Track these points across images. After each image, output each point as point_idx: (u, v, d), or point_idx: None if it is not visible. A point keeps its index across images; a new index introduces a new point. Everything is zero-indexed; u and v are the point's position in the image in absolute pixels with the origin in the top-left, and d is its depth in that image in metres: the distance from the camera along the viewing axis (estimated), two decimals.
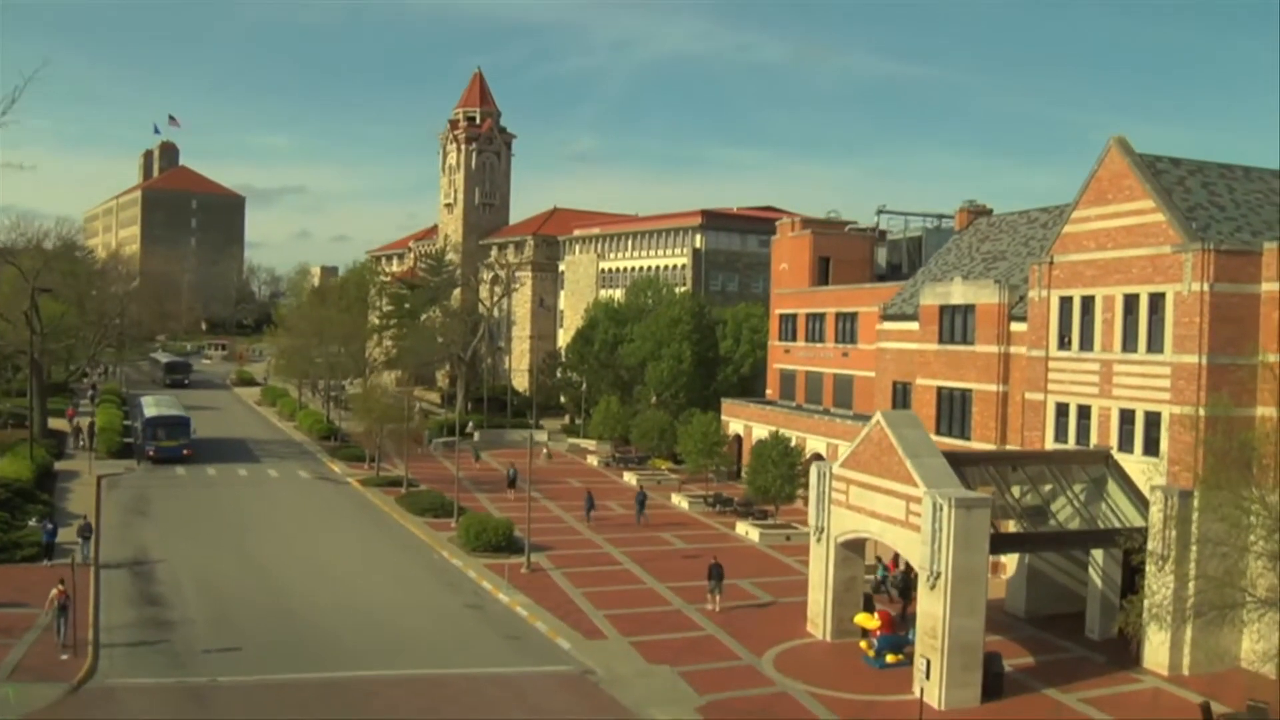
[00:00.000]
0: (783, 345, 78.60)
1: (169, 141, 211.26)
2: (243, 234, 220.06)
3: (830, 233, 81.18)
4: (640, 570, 51.04)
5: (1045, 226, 55.67)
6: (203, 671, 35.37)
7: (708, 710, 33.26)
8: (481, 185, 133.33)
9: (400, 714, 32.64)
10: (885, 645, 38.57)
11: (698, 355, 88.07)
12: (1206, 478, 34.32)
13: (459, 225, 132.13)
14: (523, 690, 35.38)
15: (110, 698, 33.06)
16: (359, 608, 43.92)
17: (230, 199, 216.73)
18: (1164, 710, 34.44)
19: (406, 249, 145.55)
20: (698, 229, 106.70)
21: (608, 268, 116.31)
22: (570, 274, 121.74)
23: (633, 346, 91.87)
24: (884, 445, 37.98)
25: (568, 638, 40.51)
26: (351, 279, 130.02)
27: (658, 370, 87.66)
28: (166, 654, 37.37)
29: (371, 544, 55.82)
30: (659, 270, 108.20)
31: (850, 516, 40.04)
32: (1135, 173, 41.28)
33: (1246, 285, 38.05)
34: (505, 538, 52.94)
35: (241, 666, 36.13)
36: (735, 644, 40.31)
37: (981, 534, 34.70)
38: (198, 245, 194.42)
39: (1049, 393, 44.79)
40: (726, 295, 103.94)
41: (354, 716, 32.27)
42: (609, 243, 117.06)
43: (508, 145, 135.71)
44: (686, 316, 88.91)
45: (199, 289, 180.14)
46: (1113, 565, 40.81)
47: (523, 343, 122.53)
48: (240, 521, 59.75)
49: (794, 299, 77.88)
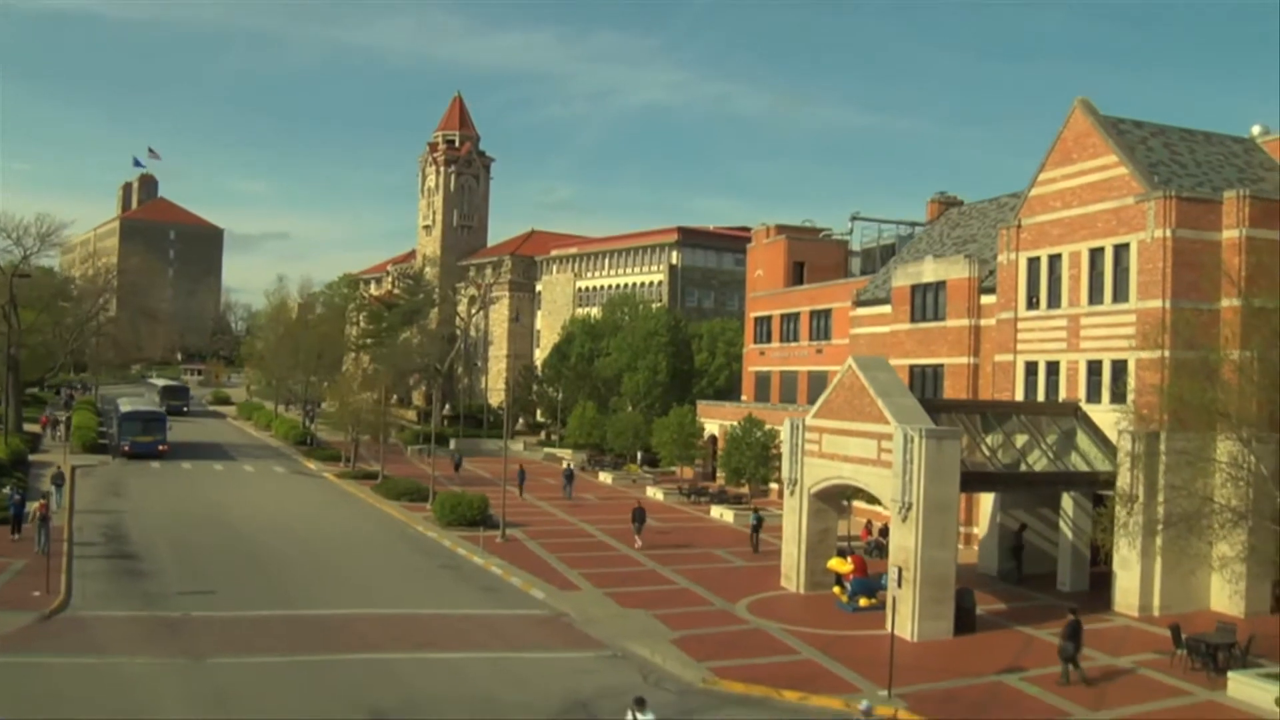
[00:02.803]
0: (758, 348, 78.93)
1: (148, 174, 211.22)
2: (220, 266, 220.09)
3: (804, 238, 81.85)
4: (615, 542, 51.15)
5: (1015, 211, 56.19)
6: (176, 610, 35.25)
7: (682, 643, 33.25)
8: (460, 207, 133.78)
9: (369, 642, 32.53)
10: (858, 589, 38.68)
11: (673, 368, 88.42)
12: (1171, 419, 34.79)
13: (437, 247, 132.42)
14: (495, 626, 35.37)
15: (81, 627, 32.90)
16: (333, 565, 44.04)
17: (208, 231, 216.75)
18: (1134, 642, 34.64)
19: (385, 272, 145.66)
20: (674, 245, 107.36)
21: (584, 286, 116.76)
22: (547, 294, 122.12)
23: (609, 359, 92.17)
24: (856, 389, 38.29)
25: (542, 589, 40.52)
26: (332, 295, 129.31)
27: (634, 381, 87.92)
28: (139, 595, 37.29)
29: (346, 520, 56.02)
30: (635, 287, 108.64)
31: (823, 465, 40.25)
32: (1099, 131, 42.03)
33: (1208, 233, 38.72)
34: (480, 512, 53.00)
35: (214, 605, 36.09)
36: (709, 594, 40.42)
37: (952, 466, 34.98)
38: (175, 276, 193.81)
39: (1018, 353, 45.26)
40: (703, 311, 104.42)
41: (325, 644, 32.17)
42: (586, 261, 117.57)
43: (486, 168, 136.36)
44: (663, 329, 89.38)
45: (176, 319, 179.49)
46: (1083, 517, 41.14)
47: (499, 362, 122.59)
48: (216, 499, 59.92)
49: (768, 301, 78.34)
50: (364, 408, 74.26)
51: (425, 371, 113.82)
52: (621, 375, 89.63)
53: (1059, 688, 29.44)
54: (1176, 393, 33.16)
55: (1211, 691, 29.33)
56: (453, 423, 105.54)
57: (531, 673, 30.07)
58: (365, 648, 31.75)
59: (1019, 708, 27.84)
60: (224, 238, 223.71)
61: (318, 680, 28.47)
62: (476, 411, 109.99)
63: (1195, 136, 44.68)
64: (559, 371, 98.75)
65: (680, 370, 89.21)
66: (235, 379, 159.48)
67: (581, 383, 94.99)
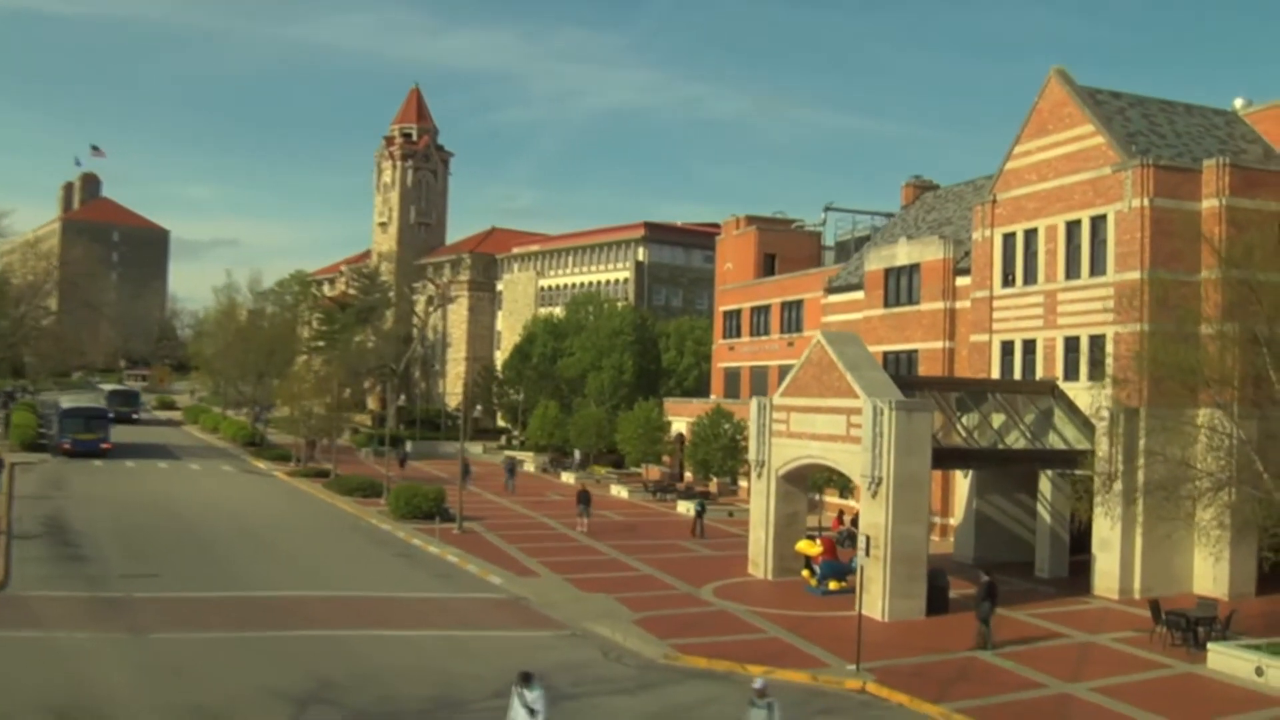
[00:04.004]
0: (727, 343, 79.10)
1: (91, 173, 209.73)
2: (166, 269, 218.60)
3: (776, 230, 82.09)
4: (577, 535, 51.16)
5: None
6: (119, 591, 35.13)
7: (644, 623, 33.26)
8: (418, 204, 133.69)
9: (321, 620, 32.47)
10: (828, 572, 38.85)
11: (640, 367, 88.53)
12: (1151, 390, 35.14)
13: (394, 244, 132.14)
14: (450, 608, 35.41)
15: (20, 605, 32.68)
16: (283, 552, 44.24)
17: (154, 232, 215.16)
18: (1113, 621, 34.91)
19: (339, 272, 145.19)
20: (641, 242, 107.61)
21: (547, 285, 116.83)
22: (508, 293, 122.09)
23: (572, 359, 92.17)
24: (825, 364, 38.49)
25: (500, 576, 40.53)
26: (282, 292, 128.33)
27: (598, 381, 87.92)
28: (81, 577, 37.16)
29: (297, 512, 56.28)
30: (601, 285, 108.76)
31: (791, 445, 40.42)
32: (1075, 100, 42.50)
33: (1187, 202, 39.16)
34: (436, 505, 52.82)
35: (159, 587, 36.02)
36: (673, 579, 40.53)
37: (923, 439, 35.21)
38: (119, 279, 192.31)
39: (994, 332, 45.62)
40: (670, 310, 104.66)
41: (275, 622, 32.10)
42: (548, 259, 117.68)
43: (445, 163, 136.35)
44: (628, 328, 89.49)
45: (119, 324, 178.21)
46: (1062, 500, 41.42)
47: (458, 365, 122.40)
48: (161, 491, 60.09)
49: (738, 294, 78.53)
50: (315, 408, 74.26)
51: (380, 373, 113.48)
52: (585, 375, 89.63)
53: (977, 652, 30.49)
54: (1156, 356, 33.29)
55: (1191, 665, 29.62)
56: (409, 426, 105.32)
57: (487, 649, 30.09)
58: (316, 625, 31.80)
59: (992, 680, 28.01)
60: (170, 241, 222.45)
61: (267, 654, 28.46)
62: (434, 416, 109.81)
63: (1175, 108, 45.23)
64: (520, 373, 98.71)
65: (647, 370, 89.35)
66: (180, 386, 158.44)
67: (543, 383, 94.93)
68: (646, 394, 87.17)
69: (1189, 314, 34.15)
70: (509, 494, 66.19)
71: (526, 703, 19.87)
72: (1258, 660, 28.14)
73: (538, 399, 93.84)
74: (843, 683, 27.59)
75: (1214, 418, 32.93)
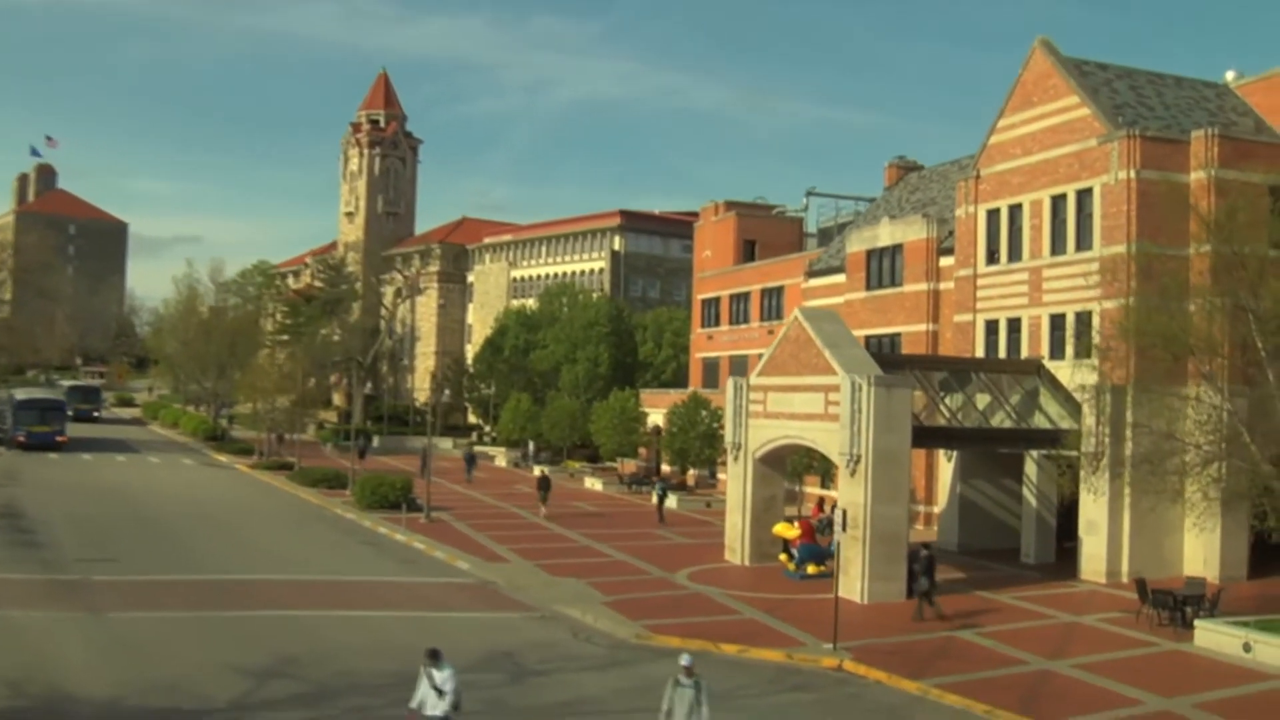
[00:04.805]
0: (705, 333, 79.17)
1: (46, 164, 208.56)
2: (124, 264, 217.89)
3: (756, 215, 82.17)
4: (549, 524, 51.22)
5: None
6: (75, 574, 35.15)
7: (616, 605, 33.33)
8: (385, 192, 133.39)
9: (282, 601, 32.50)
10: (806, 555, 38.96)
11: (616, 360, 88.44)
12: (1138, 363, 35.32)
13: (360, 234, 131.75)
14: (416, 591, 35.49)
15: None
16: (246, 539, 44.41)
17: (112, 225, 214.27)
18: (1099, 603, 35.10)
19: (304, 264, 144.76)
20: (616, 230, 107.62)
21: (520, 276, 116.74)
22: (479, 284, 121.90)
23: (545, 352, 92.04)
24: (802, 341, 38.61)
25: (468, 562, 40.63)
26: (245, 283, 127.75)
27: (573, 373, 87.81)
28: (35, 561, 37.24)
29: (259, 502, 56.60)
30: (575, 276, 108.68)
31: (769, 426, 40.51)
32: (1060, 71, 42.77)
33: (1174, 174, 39.36)
34: (403, 495, 52.75)
35: (116, 571, 36.06)
36: (647, 565, 40.67)
37: (903, 416, 35.36)
38: (76, 274, 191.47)
39: (978, 312, 45.86)
40: (648, 301, 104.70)
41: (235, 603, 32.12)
42: (521, 249, 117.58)
43: (414, 150, 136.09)
44: (604, 319, 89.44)
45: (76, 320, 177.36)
46: (1048, 483, 41.49)
47: (427, 360, 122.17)
48: (119, 482, 60.23)
49: (717, 281, 78.59)
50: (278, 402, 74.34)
51: (347, 365, 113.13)
52: (559, 368, 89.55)
53: (915, 622, 31.46)
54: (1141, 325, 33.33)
55: (1178, 643, 29.82)
56: (377, 422, 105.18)
57: (453, 629, 30.06)
58: (277, 606, 31.87)
59: (972, 658, 28.18)
60: (129, 234, 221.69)
61: (226, 632, 28.57)
62: (403, 412, 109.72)
63: (1164, 80, 45.53)
64: (491, 366, 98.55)
65: (623, 362, 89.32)
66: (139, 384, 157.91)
67: (515, 377, 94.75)
68: (623, 387, 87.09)
69: (1176, 285, 34.25)
70: (469, 484, 66.88)
71: (435, 683, 18.79)
72: (1245, 636, 28.35)
73: (509, 393, 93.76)
74: (819, 660, 27.73)
75: (1201, 392, 33.06)
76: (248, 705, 22.59)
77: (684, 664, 19.17)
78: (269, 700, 23.02)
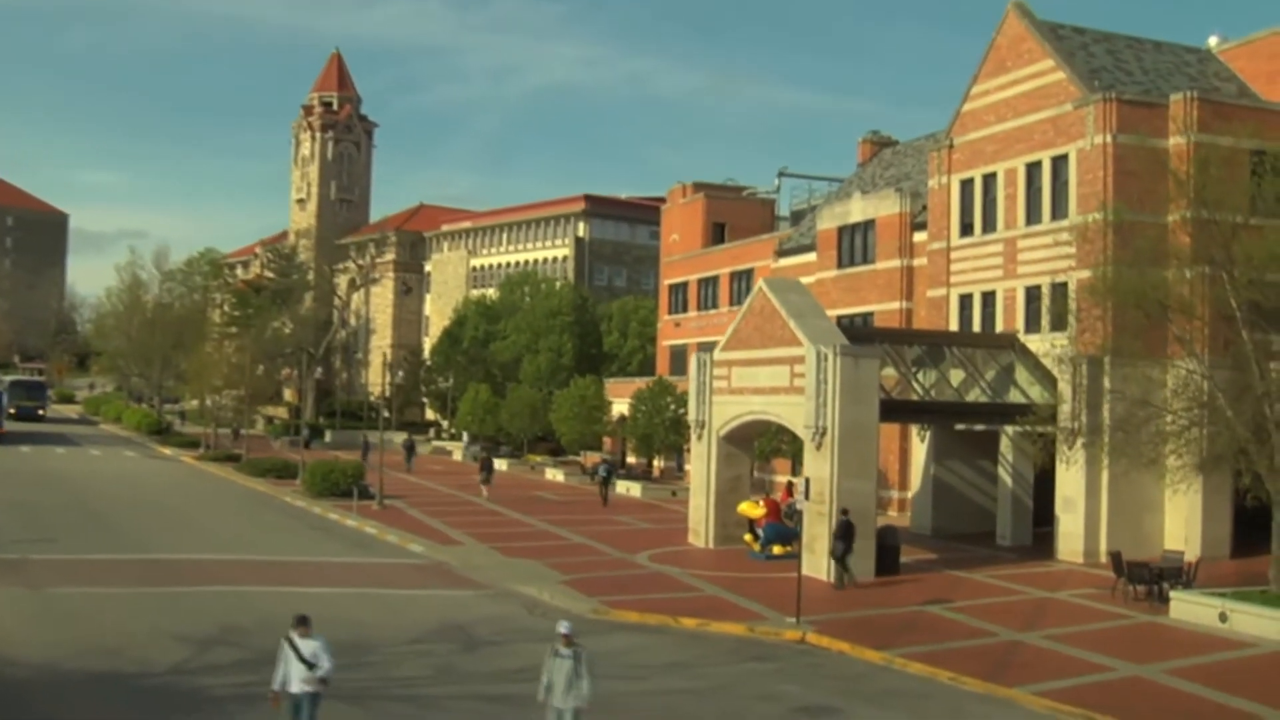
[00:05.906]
0: (673, 319, 79.36)
1: None
2: (65, 257, 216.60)
3: (726, 197, 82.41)
4: (506, 509, 51.48)
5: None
6: (13, 554, 35.07)
7: (573, 584, 33.62)
8: (339, 179, 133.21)
9: (228, 579, 32.72)
10: (771, 536, 39.25)
11: (580, 350, 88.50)
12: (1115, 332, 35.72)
13: (313, 222, 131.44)
14: (368, 570, 35.80)
15: None
16: (192, 522, 44.84)
17: (51, 216, 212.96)
18: (1076, 581, 35.51)
19: (253, 255, 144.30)
20: (581, 216, 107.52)
21: (480, 264, 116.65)
22: (437, 274, 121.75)
23: (506, 342, 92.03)
24: (767, 313, 38.90)
25: (421, 545, 40.96)
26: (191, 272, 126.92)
27: (535, 364, 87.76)
28: None
29: (206, 491, 56.90)
30: (538, 264, 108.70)
31: (733, 403, 40.79)
32: (1034, 35, 43.21)
33: (1152, 139, 39.67)
34: (355, 481, 52.85)
35: (56, 551, 36.22)
36: (607, 548, 40.98)
37: (870, 387, 35.67)
38: (12, 267, 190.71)
39: (951, 285, 46.26)
40: (614, 290, 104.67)
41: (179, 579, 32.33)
42: (481, 236, 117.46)
43: (369, 134, 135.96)
44: (567, 308, 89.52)
45: (12, 316, 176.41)
46: (1024, 463, 41.93)
47: (383, 352, 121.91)
48: (60, 470, 60.59)
49: (685, 265, 78.77)
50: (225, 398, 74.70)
51: (298, 357, 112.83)
52: (520, 359, 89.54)
53: (837, 592, 32.75)
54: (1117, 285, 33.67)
55: (1154, 616, 30.25)
56: (329, 417, 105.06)
57: (405, 604, 30.55)
58: (222, 583, 32.12)
59: (940, 630, 28.56)
60: (70, 227, 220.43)
61: (170, 605, 28.88)
62: (356, 407, 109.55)
63: (1144, 45, 46.02)
64: (449, 358, 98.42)
65: (588, 353, 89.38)
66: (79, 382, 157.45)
67: (474, 369, 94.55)
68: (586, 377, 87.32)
69: (1153, 250, 34.63)
70: (409, 473, 67.99)
71: (303, 654, 16.64)
72: (1222, 606, 28.81)
73: (468, 385, 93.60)
74: (781, 634, 28.03)
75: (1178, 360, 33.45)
76: (189, 670, 22.90)
77: (562, 632, 17.78)
78: (211, 665, 23.38)
